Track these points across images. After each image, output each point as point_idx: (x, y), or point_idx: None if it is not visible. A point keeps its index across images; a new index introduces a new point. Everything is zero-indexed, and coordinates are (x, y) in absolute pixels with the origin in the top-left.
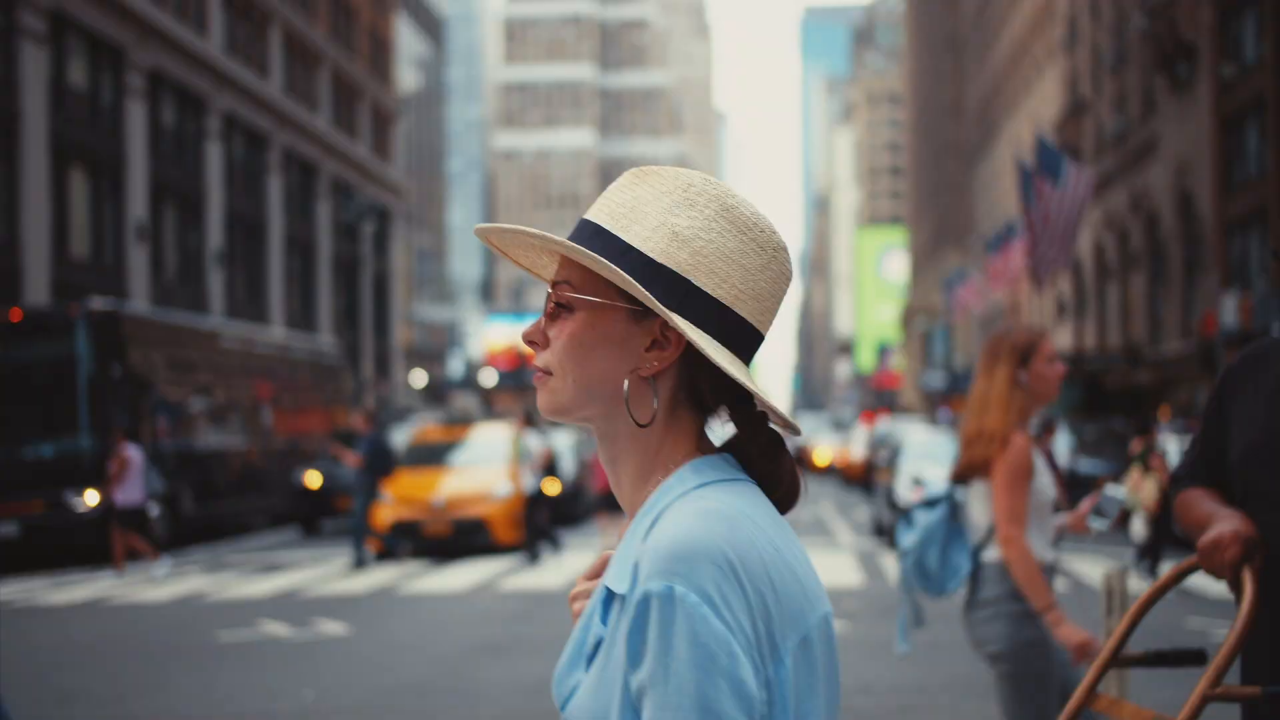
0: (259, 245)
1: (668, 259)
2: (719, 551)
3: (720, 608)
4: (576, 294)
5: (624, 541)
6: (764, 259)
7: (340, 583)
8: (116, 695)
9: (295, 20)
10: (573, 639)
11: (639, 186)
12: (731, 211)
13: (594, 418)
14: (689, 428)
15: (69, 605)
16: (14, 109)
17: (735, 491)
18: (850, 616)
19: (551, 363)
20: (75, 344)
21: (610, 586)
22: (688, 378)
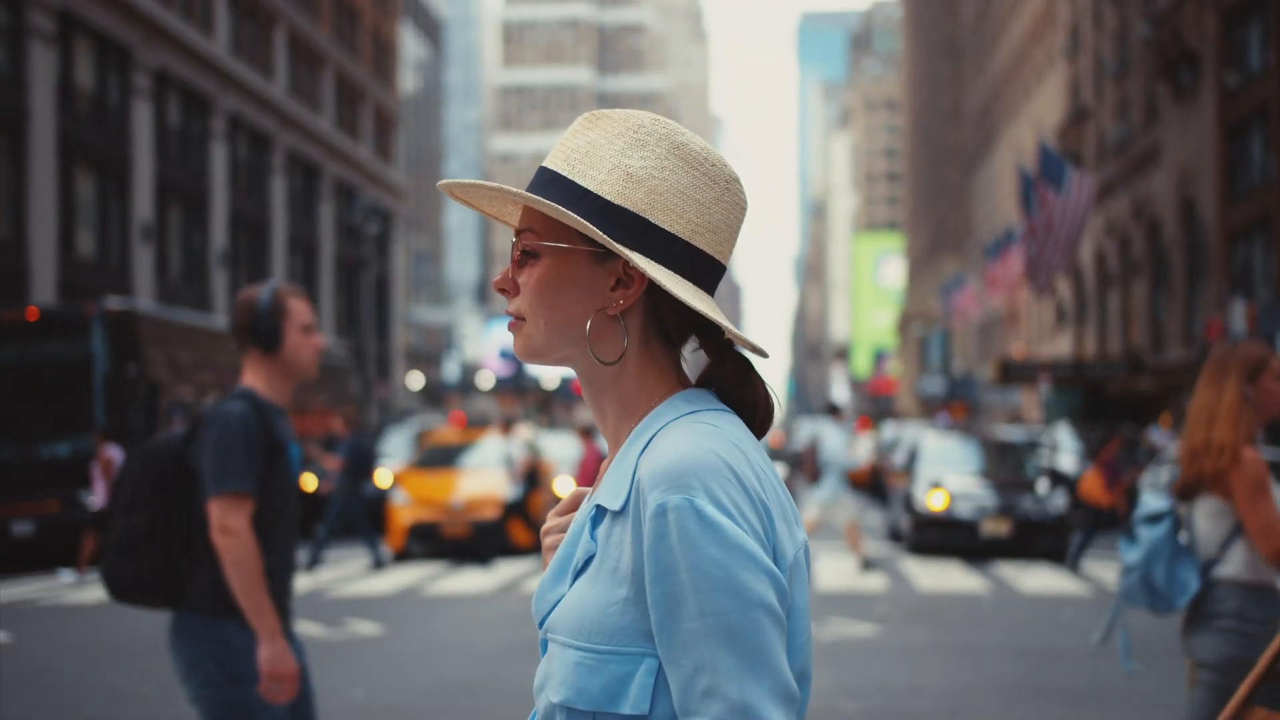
0: (262, 246)
1: (624, 199)
2: (722, 463)
3: (735, 515)
4: (540, 240)
5: (614, 464)
6: (717, 191)
7: (363, 583)
8: (165, 695)
9: (300, 22)
10: (556, 558)
11: (592, 130)
12: (682, 149)
13: (571, 357)
14: (665, 361)
15: (94, 605)
16: (22, 109)
17: (724, 418)
18: (882, 620)
19: (523, 308)
20: (91, 343)
21: (602, 504)
22: (655, 313)
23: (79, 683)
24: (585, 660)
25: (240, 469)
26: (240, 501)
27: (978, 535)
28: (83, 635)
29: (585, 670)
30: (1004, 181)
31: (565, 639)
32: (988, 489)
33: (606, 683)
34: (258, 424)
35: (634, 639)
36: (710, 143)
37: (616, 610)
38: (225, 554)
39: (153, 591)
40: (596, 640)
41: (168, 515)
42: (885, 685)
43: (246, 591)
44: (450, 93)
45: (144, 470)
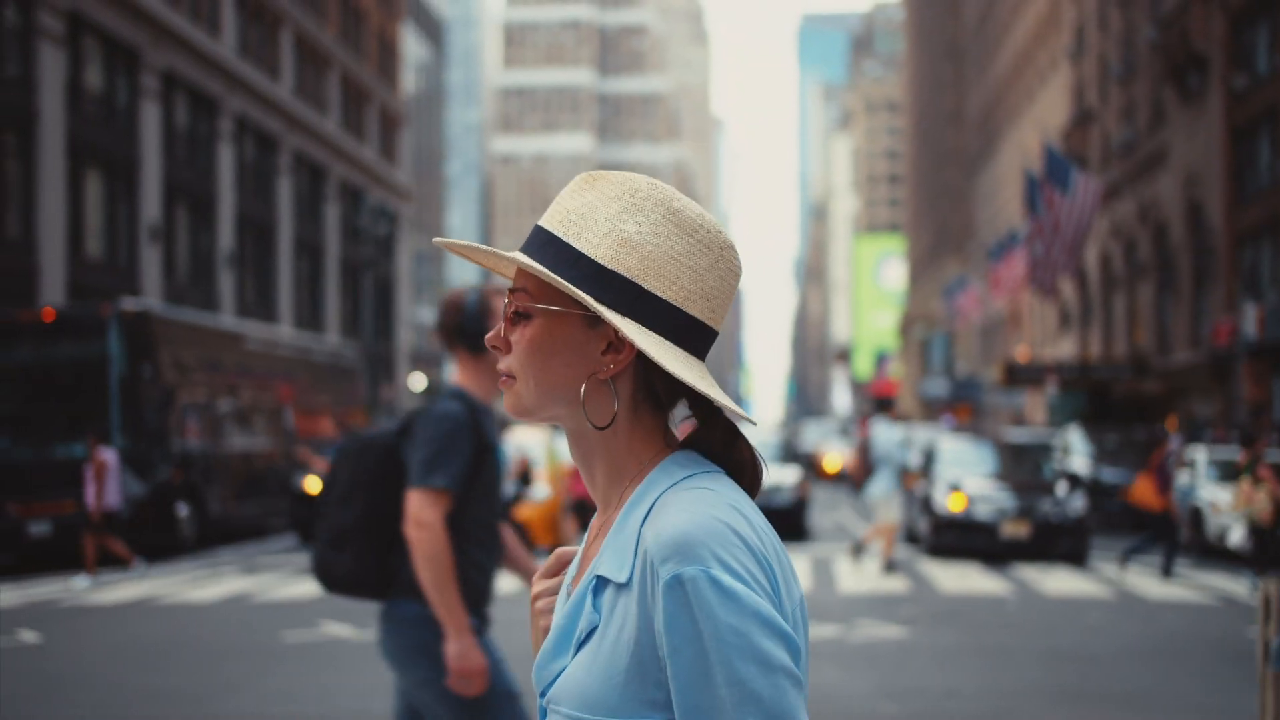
0: (268, 247)
1: (617, 265)
2: (732, 531)
3: (750, 582)
4: (532, 302)
5: (614, 533)
6: (711, 258)
7: None
8: (204, 695)
9: (306, 23)
10: (556, 629)
11: (588, 192)
12: (677, 215)
13: (560, 417)
14: (653, 424)
15: (119, 605)
16: (32, 109)
17: (717, 480)
18: (909, 623)
19: (514, 367)
20: (107, 344)
21: (605, 575)
22: (645, 378)
23: (119, 684)
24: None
25: (446, 466)
26: (439, 497)
27: (997, 537)
28: (113, 636)
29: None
30: (1007, 184)
31: (569, 711)
32: (1006, 491)
33: None
34: (470, 424)
35: (638, 710)
36: (710, 143)
37: (620, 682)
38: (417, 547)
39: (366, 584)
40: (601, 713)
41: (379, 509)
42: (923, 687)
43: (437, 586)
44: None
45: (357, 466)
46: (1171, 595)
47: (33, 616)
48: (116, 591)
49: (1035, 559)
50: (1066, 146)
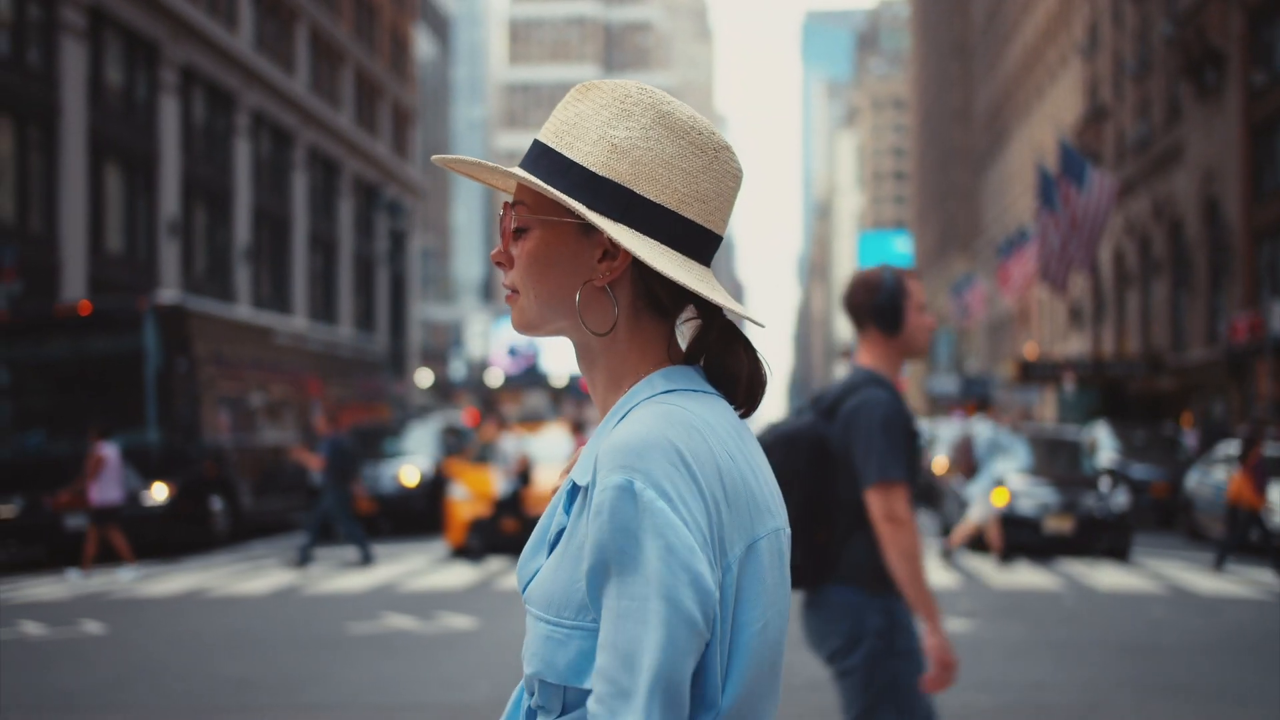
0: (283, 242)
1: (609, 171)
2: (672, 448)
3: (676, 502)
4: (531, 214)
5: (592, 439)
6: (705, 160)
7: (432, 578)
8: (289, 684)
9: (321, 18)
10: (537, 528)
11: (581, 103)
12: (667, 117)
13: (564, 329)
14: (657, 333)
15: (170, 597)
16: (54, 103)
17: (699, 400)
18: (972, 615)
19: (516, 281)
20: (143, 338)
21: (574, 479)
22: (644, 284)
23: (202, 673)
24: (554, 634)
25: (897, 456)
26: (901, 489)
27: (1040, 532)
28: (176, 627)
29: (554, 644)
30: (1015, 181)
31: (538, 612)
32: (1048, 486)
33: (573, 657)
34: (900, 410)
35: (599, 615)
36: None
37: (582, 586)
38: (893, 543)
39: (804, 574)
40: (564, 615)
41: (813, 500)
42: (1005, 680)
43: (913, 581)
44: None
45: (787, 458)
46: (1225, 590)
47: (88, 608)
48: (165, 583)
49: (1078, 554)
50: (1079, 143)
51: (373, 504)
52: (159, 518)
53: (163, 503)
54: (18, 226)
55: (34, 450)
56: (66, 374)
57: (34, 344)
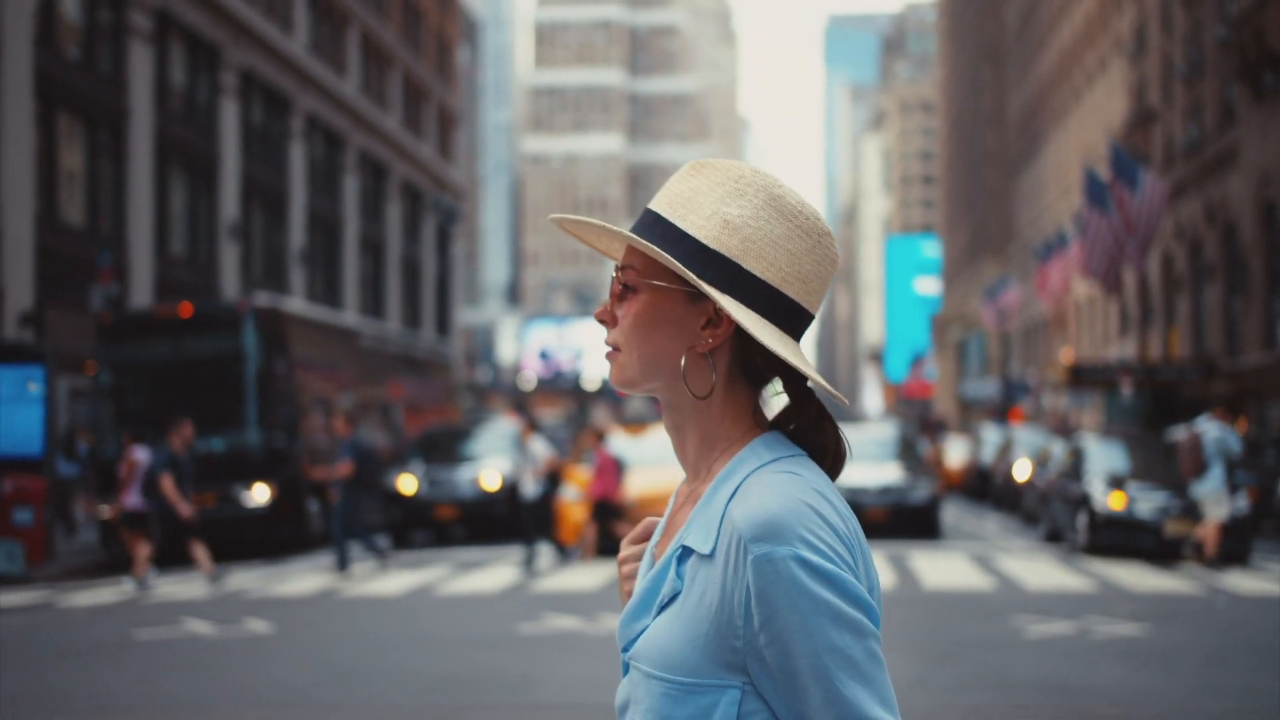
0: (335, 245)
1: (719, 245)
2: (818, 514)
3: (836, 560)
4: (640, 278)
5: (701, 507)
6: (809, 243)
7: (560, 579)
8: (512, 682)
9: (370, 21)
10: (640, 592)
11: (696, 178)
12: (778, 200)
13: (659, 389)
14: (746, 401)
15: (307, 596)
16: (122, 107)
17: (803, 464)
18: (1136, 618)
19: (619, 339)
20: (243, 339)
21: (690, 545)
22: (741, 354)
23: (401, 671)
24: (670, 691)
25: None
26: None
27: (1161, 536)
28: (339, 627)
29: (670, 700)
30: (1051, 185)
31: (649, 669)
32: (1165, 490)
33: (691, 713)
34: None
35: (716, 672)
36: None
37: (699, 646)
38: None
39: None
40: (680, 673)
41: None
42: (1225, 685)
43: None
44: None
45: None
46: None
47: (238, 607)
48: (291, 583)
49: (1197, 558)
50: (1125, 146)
51: (452, 509)
52: (260, 519)
53: (264, 504)
54: (89, 229)
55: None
56: (167, 376)
57: (135, 346)
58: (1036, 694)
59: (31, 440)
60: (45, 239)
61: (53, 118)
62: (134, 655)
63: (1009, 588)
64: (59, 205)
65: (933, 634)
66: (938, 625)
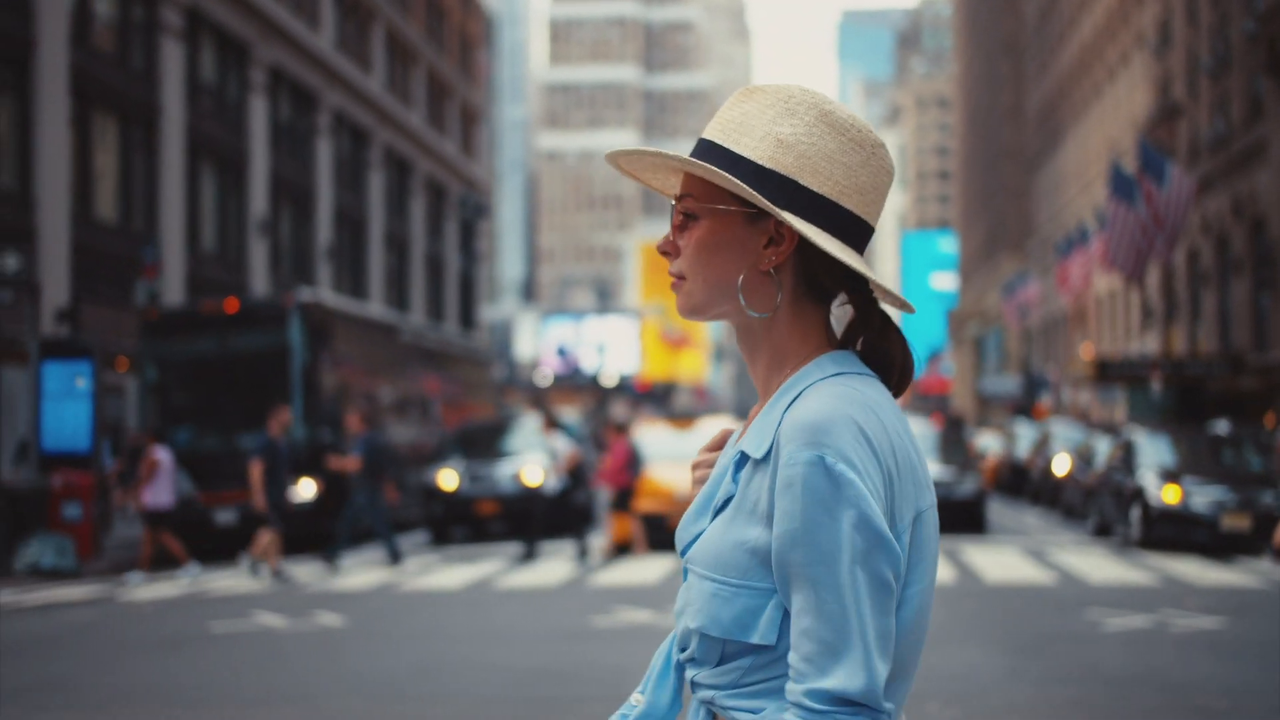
0: (361, 241)
1: (775, 164)
2: (855, 425)
3: (862, 473)
4: (699, 204)
5: (762, 415)
6: (863, 155)
7: (617, 573)
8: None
9: (395, 18)
10: (701, 495)
11: (746, 103)
12: (829, 116)
13: (728, 313)
14: (815, 319)
15: (366, 591)
16: (155, 104)
17: (866, 382)
18: (1209, 612)
19: (683, 268)
20: (289, 334)
21: (746, 450)
22: (806, 269)
23: (491, 663)
24: (720, 592)
25: None
26: None
27: (1218, 530)
28: (410, 621)
29: (719, 601)
30: (1072, 180)
31: (703, 571)
32: (1220, 484)
33: (738, 614)
34: None
35: (764, 576)
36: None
37: (749, 548)
38: None
39: None
40: (731, 575)
41: None
42: None
43: None
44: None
45: None
46: None
47: (305, 601)
48: (352, 577)
49: (1255, 553)
50: (1150, 142)
51: (494, 505)
52: (307, 514)
53: (310, 499)
54: (122, 225)
55: (182, 446)
56: (213, 370)
57: (181, 341)
58: (1137, 687)
59: (79, 436)
60: (80, 236)
61: (87, 115)
62: (216, 647)
63: (1071, 582)
64: (93, 202)
65: (1010, 627)
66: (1012, 619)
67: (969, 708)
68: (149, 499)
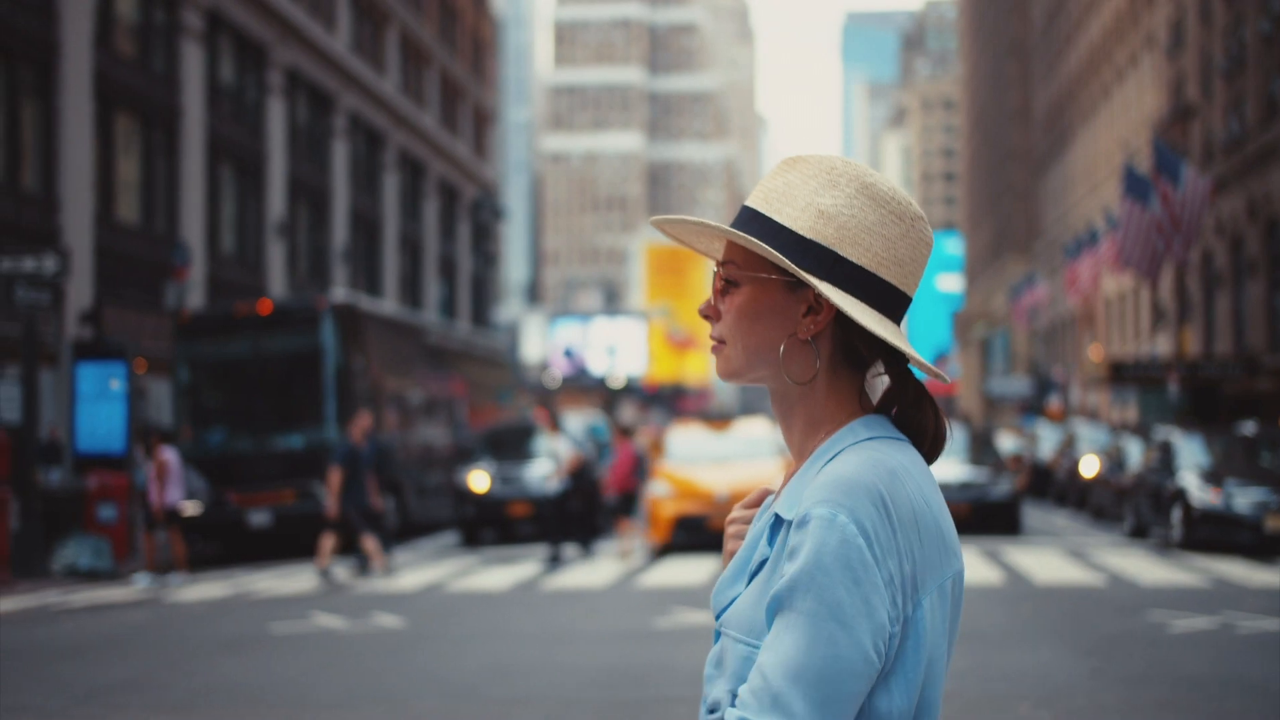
0: (375, 243)
1: (816, 234)
2: (876, 491)
3: (873, 540)
4: (741, 271)
5: (797, 478)
6: (903, 228)
7: (662, 573)
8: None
9: (409, 20)
10: (737, 558)
11: (789, 173)
12: (870, 188)
13: (765, 378)
14: (850, 385)
15: (414, 592)
16: (175, 106)
17: (897, 448)
18: (1270, 614)
19: (724, 332)
20: (321, 336)
21: (779, 513)
22: (843, 338)
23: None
24: (753, 656)
25: None
26: None
27: (1261, 531)
28: (471, 621)
29: (753, 665)
30: (1080, 181)
31: (737, 634)
32: (1261, 485)
33: None
34: None
35: None
36: (755, 142)
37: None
38: None
39: None
40: (765, 638)
41: None
42: None
43: None
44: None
45: None
46: None
47: (352, 603)
48: (401, 580)
49: None
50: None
51: (525, 507)
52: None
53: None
54: (143, 227)
55: (216, 448)
56: (246, 373)
57: (214, 343)
58: (1222, 689)
59: (114, 437)
60: (102, 238)
61: (110, 117)
62: (282, 648)
63: (1121, 583)
64: (115, 204)
65: (1075, 629)
66: (1074, 620)
67: (1058, 709)
68: (168, 498)
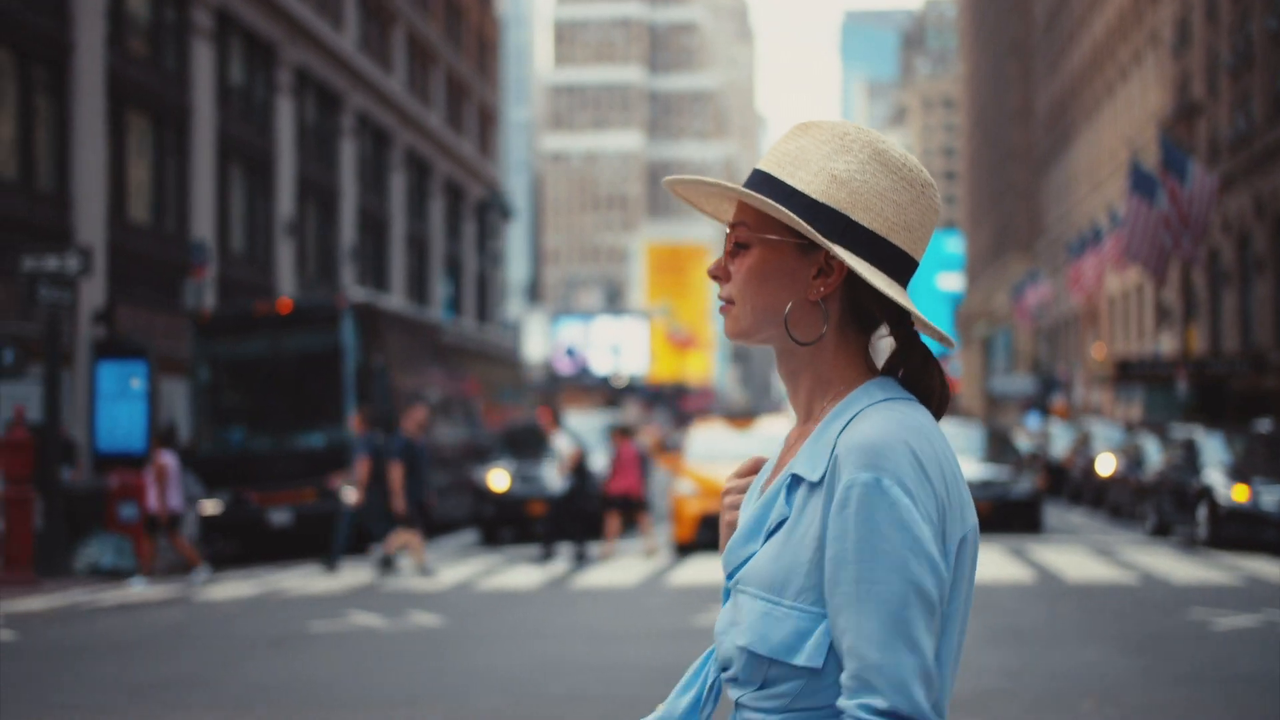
0: (382, 242)
1: (828, 198)
2: (909, 449)
3: (917, 498)
4: (752, 233)
5: (813, 438)
6: (913, 194)
7: (689, 571)
8: None
9: (415, 19)
10: (749, 518)
11: (802, 137)
12: (882, 155)
13: (773, 338)
14: (858, 347)
15: (443, 591)
16: (186, 105)
17: (914, 408)
18: None
19: (733, 293)
20: (341, 335)
21: (799, 473)
22: (853, 300)
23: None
24: (773, 612)
25: None
26: None
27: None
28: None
29: (771, 621)
30: (1082, 180)
31: (755, 591)
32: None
33: (788, 635)
34: None
35: (817, 599)
36: (755, 141)
37: (804, 571)
38: None
39: None
40: (784, 596)
41: None
42: None
43: None
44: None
45: None
46: None
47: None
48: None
49: None
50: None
51: (545, 506)
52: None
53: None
54: (155, 226)
55: (235, 447)
56: (266, 372)
57: (233, 343)
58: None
59: (135, 436)
60: (115, 237)
61: (122, 116)
62: (326, 646)
63: (1154, 581)
64: (128, 203)
65: (1120, 627)
66: (1117, 618)
67: (1123, 708)
68: (168, 502)
